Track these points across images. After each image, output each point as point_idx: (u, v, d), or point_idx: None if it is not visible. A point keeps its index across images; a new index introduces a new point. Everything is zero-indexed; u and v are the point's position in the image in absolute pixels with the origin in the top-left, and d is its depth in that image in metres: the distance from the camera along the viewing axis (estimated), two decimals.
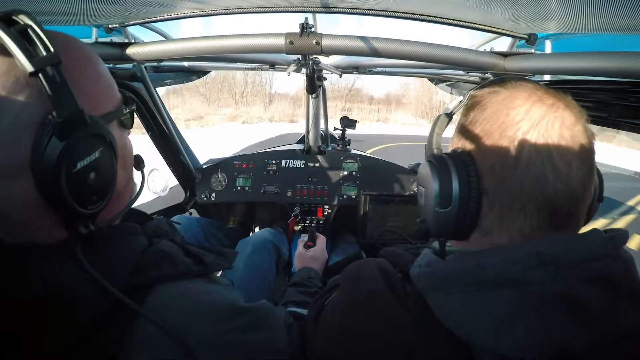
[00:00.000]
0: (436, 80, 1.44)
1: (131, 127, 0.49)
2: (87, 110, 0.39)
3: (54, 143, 0.35)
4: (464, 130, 0.45)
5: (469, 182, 0.41)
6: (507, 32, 0.83)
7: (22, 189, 0.36)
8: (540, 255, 0.36)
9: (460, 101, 0.47)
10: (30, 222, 0.38)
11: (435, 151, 0.45)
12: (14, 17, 0.36)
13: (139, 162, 0.53)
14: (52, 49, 0.36)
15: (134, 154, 0.51)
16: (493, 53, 0.87)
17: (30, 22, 0.36)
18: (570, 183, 0.38)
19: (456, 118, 0.49)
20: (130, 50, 0.96)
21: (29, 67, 0.34)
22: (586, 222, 0.44)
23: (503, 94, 0.42)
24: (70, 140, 0.36)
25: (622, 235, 0.40)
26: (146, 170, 0.54)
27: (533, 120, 0.39)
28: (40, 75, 0.34)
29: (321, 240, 1.11)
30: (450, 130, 0.50)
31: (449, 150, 0.46)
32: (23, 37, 0.35)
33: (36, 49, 0.35)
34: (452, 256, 0.43)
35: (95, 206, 0.39)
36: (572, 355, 0.34)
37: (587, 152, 0.39)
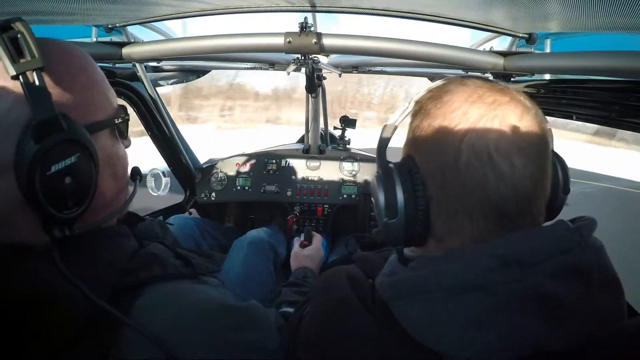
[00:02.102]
0: (436, 79, 1.44)
1: (125, 137, 0.50)
2: (74, 116, 0.40)
3: (30, 145, 0.36)
4: (409, 138, 0.45)
5: (413, 190, 0.41)
6: (507, 32, 0.83)
7: (7, 186, 0.37)
8: (501, 257, 0.35)
9: (405, 109, 0.46)
10: (15, 220, 0.39)
11: (382, 162, 0.45)
12: (10, 25, 0.38)
13: (134, 174, 0.53)
14: (36, 55, 0.37)
15: (132, 165, 0.51)
16: (492, 52, 0.87)
17: (23, 30, 0.38)
18: (516, 183, 0.37)
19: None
20: (130, 50, 0.96)
21: (11, 71, 0.36)
22: (553, 217, 0.43)
23: (443, 98, 0.41)
24: (44, 143, 0.37)
25: (588, 224, 0.39)
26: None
27: (471, 122, 0.38)
28: (21, 78, 0.36)
29: (317, 239, 1.11)
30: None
31: (401, 158, 0.46)
32: (13, 43, 0.37)
33: (23, 54, 0.37)
34: (414, 262, 0.43)
35: (71, 211, 0.40)
36: (549, 354, 0.34)
37: (535, 148, 0.38)
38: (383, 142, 0.46)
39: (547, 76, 0.99)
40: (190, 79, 1.49)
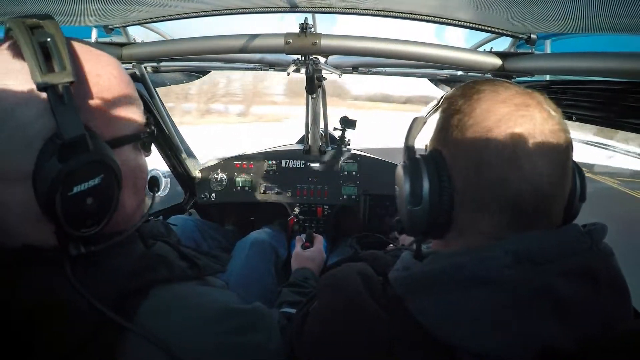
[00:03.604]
0: (436, 80, 1.44)
1: (149, 150, 0.49)
2: (100, 130, 0.39)
3: (54, 163, 0.35)
4: (437, 133, 0.46)
5: (439, 181, 0.42)
6: (507, 32, 0.83)
7: (22, 197, 0.36)
8: (516, 253, 0.36)
9: (435, 105, 0.47)
10: (28, 226, 0.38)
11: (410, 153, 0.46)
12: (41, 24, 0.35)
13: (152, 185, 0.52)
14: (67, 66, 0.35)
15: (150, 175, 0.50)
16: (493, 53, 0.87)
17: (54, 32, 0.35)
18: (536, 183, 0.38)
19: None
20: (130, 50, 0.96)
21: (38, 82, 0.34)
22: (567, 223, 0.44)
23: (473, 96, 0.43)
24: (68, 164, 0.35)
25: (600, 229, 0.40)
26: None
27: (498, 121, 0.39)
28: (49, 91, 0.34)
29: (318, 240, 1.11)
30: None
31: (427, 151, 0.47)
32: (42, 48, 0.35)
33: (53, 62, 0.35)
34: (429, 258, 0.43)
35: (88, 230, 0.39)
36: (558, 352, 0.34)
37: (557, 151, 0.39)
38: (412, 135, 0.48)
39: (547, 77, 0.99)
40: (190, 79, 1.49)
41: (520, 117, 0.39)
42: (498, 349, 0.35)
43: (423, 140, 0.49)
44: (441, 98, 0.47)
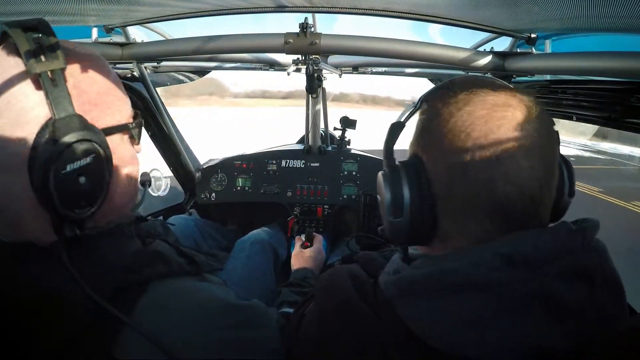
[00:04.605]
0: (436, 80, 1.44)
1: (137, 142, 0.51)
2: (91, 118, 0.41)
3: (48, 143, 0.37)
4: (416, 137, 0.44)
5: (419, 190, 0.41)
6: (507, 32, 0.82)
7: (20, 186, 0.37)
8: (505, 256, 0.35)
9: (413, 108, 0.46)
10: (26, 220, 0.39)
11: (389, 161, 0.45)
12: (35, 25, 0.39)
13: (144, 181, 0.54)
14: (59, 56, 0.38)
15: (142, 171, 0.52)
16: (493, 53, 0.87)
17: (46, 30, 0.39)
18: (522, 183, 0.37)
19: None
20: (130, 50, 0.96)
21: (32, 69, 0.37)
22: (558, 219, 0.43)
23: (451, 99, 0.41)
24: (62, 142, 0.37)
25: (592, 226, 0.39)
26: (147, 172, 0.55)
27: (478, 122, 0.38)
28: (42, 77, 0.37)
29: (318, 239, 1.11)
30: None
31: (408, 157, 0.46)
32: (36, 43, 0.38)
33: (45, 54, 0.38)
34: (418, 261, 0.42)
35: (83, 211, 0.40)
36: (554, 353, 0.34)
37: (542, 150, 0.38)
38: (390, 140, 0.46)
39: (548, 77, 0.98)
40: (190, 79, 1.49)
41: (501, 118, 0.38)
42: (490, 354, 0.35)
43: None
44: (419, 100, 0.46)
